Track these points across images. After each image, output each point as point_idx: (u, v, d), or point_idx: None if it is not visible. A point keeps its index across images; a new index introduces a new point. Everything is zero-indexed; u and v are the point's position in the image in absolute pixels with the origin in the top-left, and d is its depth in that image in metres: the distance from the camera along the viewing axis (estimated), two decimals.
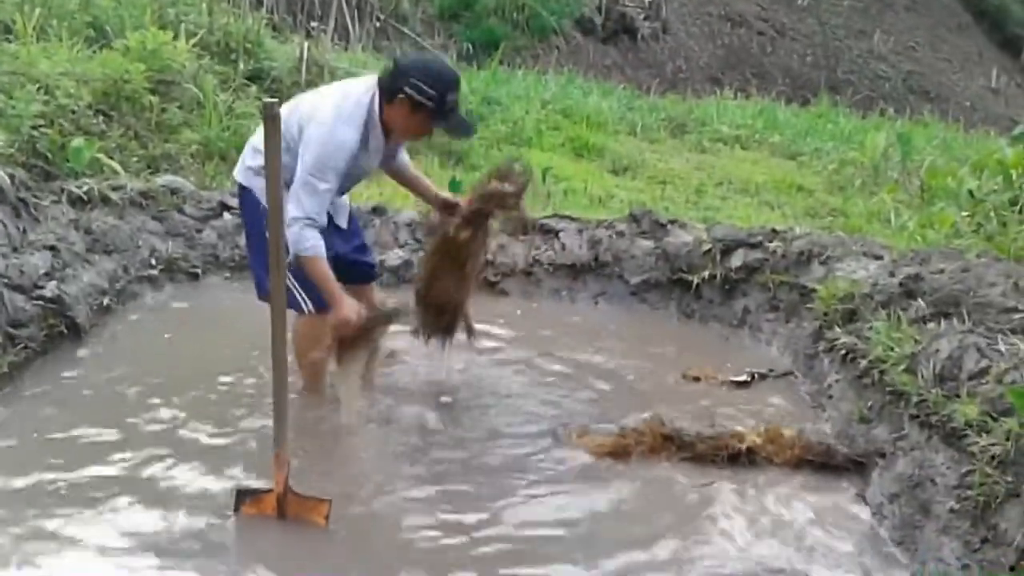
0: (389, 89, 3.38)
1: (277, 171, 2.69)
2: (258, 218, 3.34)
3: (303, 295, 3.52)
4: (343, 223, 3.79)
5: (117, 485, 3.05)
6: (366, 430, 3.66)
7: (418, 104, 3.36)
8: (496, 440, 3.62)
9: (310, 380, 3.83)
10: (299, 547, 2.81)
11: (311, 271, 3.38)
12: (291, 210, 3.27)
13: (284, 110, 3.24)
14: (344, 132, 3.34)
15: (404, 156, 3.94)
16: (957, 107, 15.92)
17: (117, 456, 3.23)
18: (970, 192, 5.86)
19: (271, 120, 2.62)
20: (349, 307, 3.42)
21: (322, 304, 3.49)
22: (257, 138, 3.49)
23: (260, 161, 3.28)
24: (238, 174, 3.63)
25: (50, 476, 3.06)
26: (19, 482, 3.01)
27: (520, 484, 3.31)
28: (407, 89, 3.34)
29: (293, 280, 3.39)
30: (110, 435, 3.38)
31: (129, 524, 2.83)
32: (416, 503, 3.13)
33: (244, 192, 3.62)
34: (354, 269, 3.76)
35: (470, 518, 3.05)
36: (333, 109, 3.37)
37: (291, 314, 3.10)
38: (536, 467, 3.43)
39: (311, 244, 3.33)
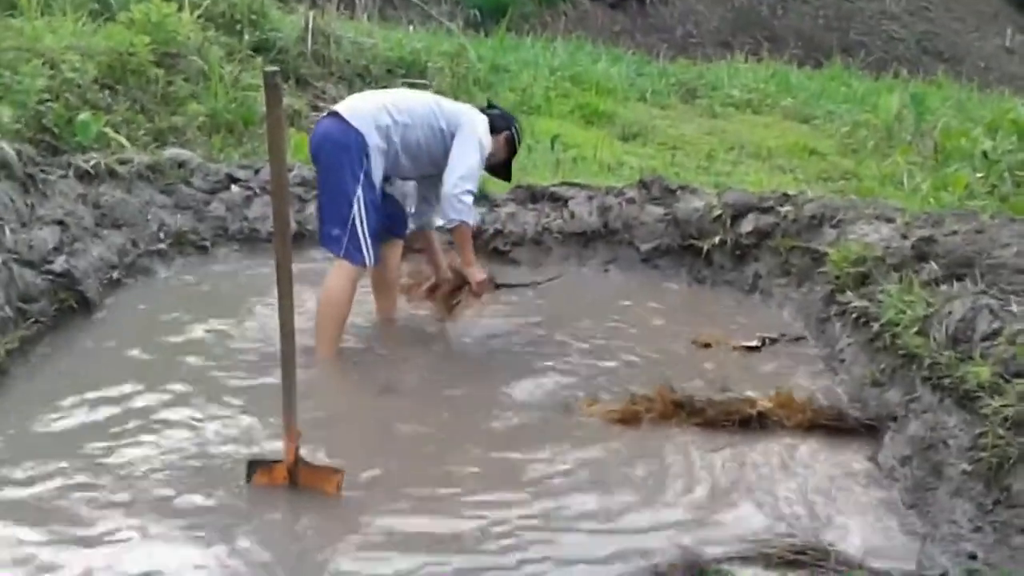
0: (497, 125, 4.19)
1: (281, 141, 2.67)
2: (352, 157, 3.80)
3: (369, 248, 3.85)
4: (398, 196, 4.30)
5: (128, 457, 3.06)
6: (378, 399, 3.67)
7: (512, 143, 4.29)
8: (507, 409, 3.63)
9: (329, 341, 3.88)
10: (309, 518, 2.82)
11: (465, 236, 4.09)
12: (468, 184, 3.97)
13: (413, 102, 4.07)
14: (489, 139, 4.11)
15: None
16: (971, 67, 15.69)
17: (128, 428, 3.24)
18: (984, 153, 5.81)
19: (272, 89, 2.59)
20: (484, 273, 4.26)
21: (379, 260, 4.01)
22: (394, 107, 3.96)
23: (389, 120, 3.90)
24: (355, 120, 3.84)
25: (60, 449, 3.08)
26: (29, 456, 3.03)
27: (531, 453, 3.31)
28: (512, 129, 4.26)
29: (367, 233, 3.81)
30: (121, 408, 3.40)
31: (140, 496, 2.85)
32: (427, 472, 3.14)
33: (348, 133, 3.82)
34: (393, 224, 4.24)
35: (481, 486, 3.05)
36: (481, 119, 4.12)
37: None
38: (548, 436, 3.43)
39: (475, 217, 4.12)
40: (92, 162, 4.90)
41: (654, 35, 15.24)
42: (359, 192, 3.79)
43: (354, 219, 3.80)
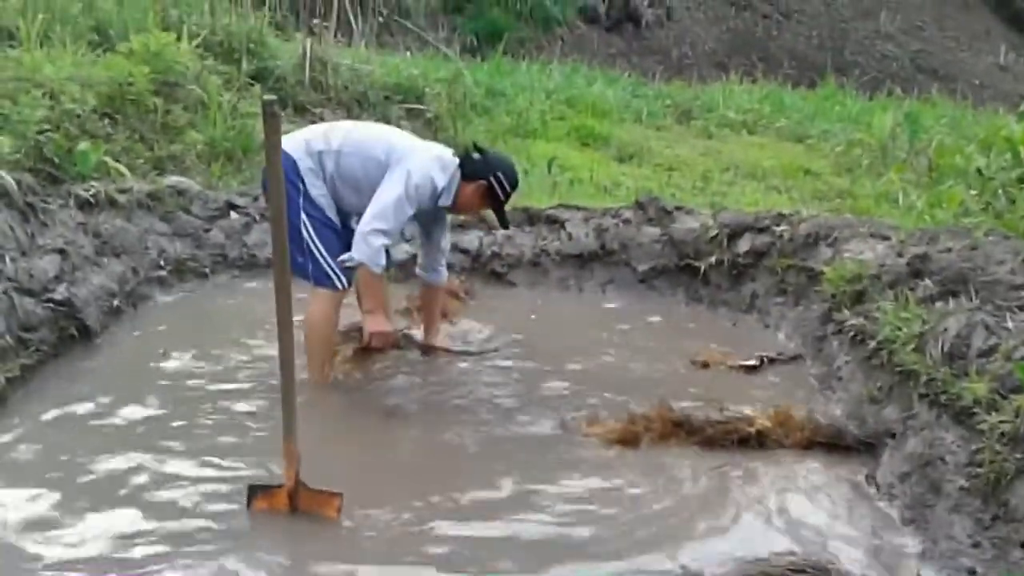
0: (474, 171, 3.86)
1: (279, 168, 2.70)
2: (287, 181, 3.49)
3: (335, 270, 3.77)
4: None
5: (130, 484, 3.07)
6: (374, 422, 3.68)
7: (492, 193, 3.88)
8: (504, 429, 3.64)
9: (320, 368, 3.86)
10: (308, 541, 2.83)
11: (371, 285, 3.82)
12: (378, 223, 3.69)
13: (359, 132, 3.92)
14: (438, 177, 3.80)
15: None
16: (965, 85, 15.77)
17: (128, 456, 3.25)
18: (978, 170, 5.83)
19: (271, 117, 2.63)
20: (388, 324, 3.92)
21: (352, 279, 3.83)
22: (334, 133, 3.86)
23: (323, 144, 3.80)
24: (288, 144, 3.68)
25: (63, 476, 3.09)
26: (28, 483, 3.04)
27: (531, 473, 3.31)
28: (491, 178, 3.84)
29: (328, 258, 3.73)
30: (121, 435, 3.41)
31: (141, 523, 2.85)
32: (428, 494, 3.14)
33: (287, 162, 3.65)
34: None
35: (481, 507, 3.07)
36: (434, 155, 3.85)
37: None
38: (547, 455, 3.44)
39: (382, 263, 3.77)
40: (92, 191, 4.93)
41: (650, 57, 15.34)
42: (302, 215, 3.72)
43: (308, 244, 3.73)
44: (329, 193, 3.84)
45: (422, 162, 3.78)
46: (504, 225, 4.20)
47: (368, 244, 3.70)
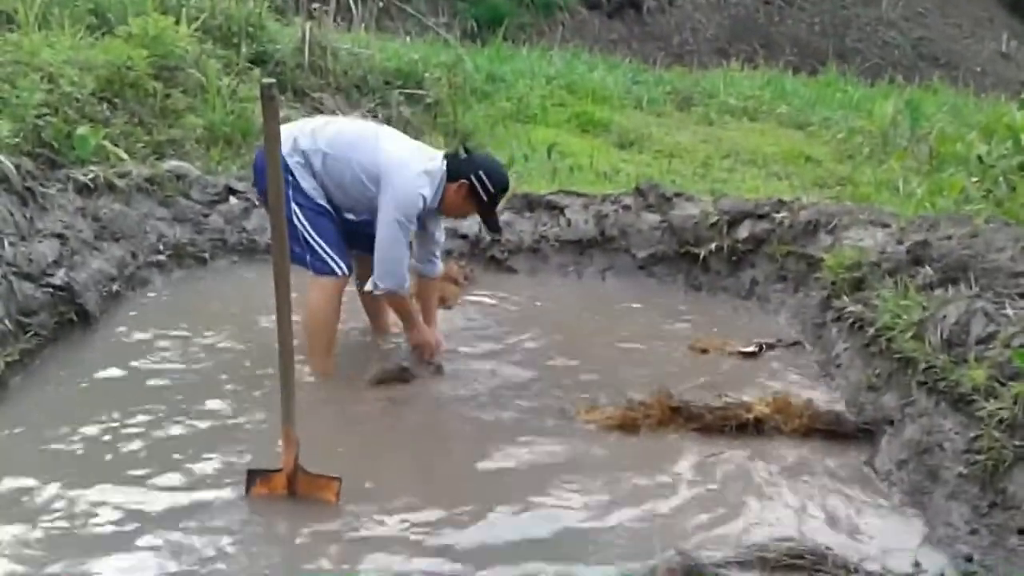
0: (457, 171, 3.80)
1: (277, 153, 2.70)
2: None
3: (333, 257, 3.77)
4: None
5: (128, 469, 3.07)
6: (374, 409, 3.68)
7: (475, 193, 3.80)
8: (503, 416, 3.64)
9: (321, 356, 3.86)
10: (307, 527, 2.83)
11: (402, 307, 3.94)
12: (393, 249, 3.71)
13: (347, 135, 3.83)
14: (426, 191, 3.75)
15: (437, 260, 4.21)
16: (967, 72, 15.72)
17: (128, 440, 3.26)
18: (979, 157, 5.82)
19: (269, 101, 2.61)
20: (429, 332, 4.04)
21: (351, 267, 3.85)
22: (322, 133, 3.81)
23: (308, 143, 3.77)
24: (286, 147, 3.63)
25: (62, 461, 3.10)
26: (31, 466, 3.04)
27: (530, 460, 3.32)
28: (472, 178, 3.77)
29: (326, 246, 3.74)
30: (120, 420, 3.41)
31: (139, 507, 2.86)
32: (427, 480, 3.15)
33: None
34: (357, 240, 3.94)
35: (480, 494, 3.07)
36: (420, 170, 3.76)
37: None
38: (546, 442, 3.44)
39: (408, 284, 3.84)
40: (91, 175, 4.91)
41: (651, 43, 15.29)
42: (294, 206, 3.68)
43: (303, 234, 3.73)
44: (319, 186, 3.82)
45: (407, 180, 3.71)
46: (492, 229, 4.05)
47: (392, 273, 3.75)
